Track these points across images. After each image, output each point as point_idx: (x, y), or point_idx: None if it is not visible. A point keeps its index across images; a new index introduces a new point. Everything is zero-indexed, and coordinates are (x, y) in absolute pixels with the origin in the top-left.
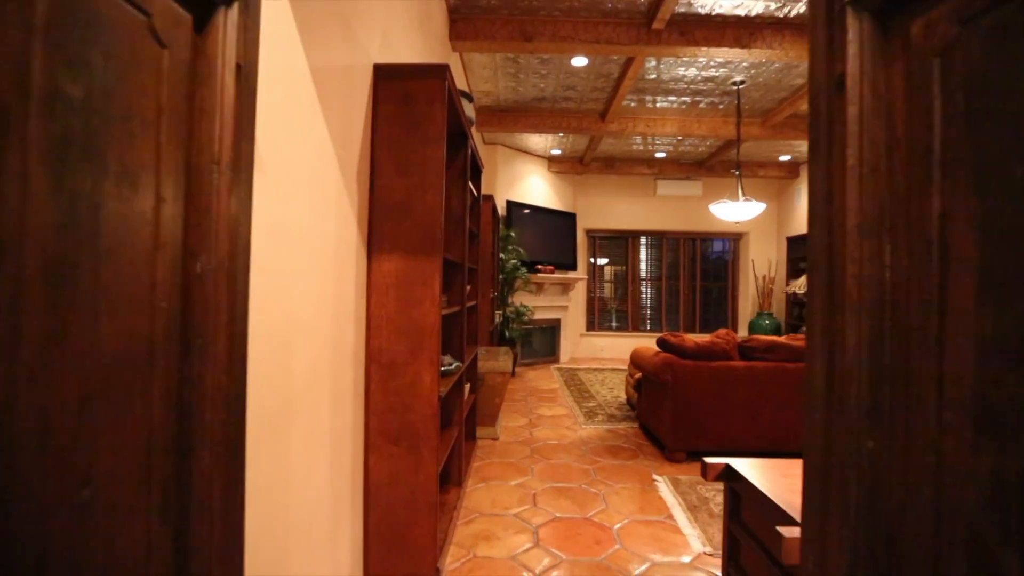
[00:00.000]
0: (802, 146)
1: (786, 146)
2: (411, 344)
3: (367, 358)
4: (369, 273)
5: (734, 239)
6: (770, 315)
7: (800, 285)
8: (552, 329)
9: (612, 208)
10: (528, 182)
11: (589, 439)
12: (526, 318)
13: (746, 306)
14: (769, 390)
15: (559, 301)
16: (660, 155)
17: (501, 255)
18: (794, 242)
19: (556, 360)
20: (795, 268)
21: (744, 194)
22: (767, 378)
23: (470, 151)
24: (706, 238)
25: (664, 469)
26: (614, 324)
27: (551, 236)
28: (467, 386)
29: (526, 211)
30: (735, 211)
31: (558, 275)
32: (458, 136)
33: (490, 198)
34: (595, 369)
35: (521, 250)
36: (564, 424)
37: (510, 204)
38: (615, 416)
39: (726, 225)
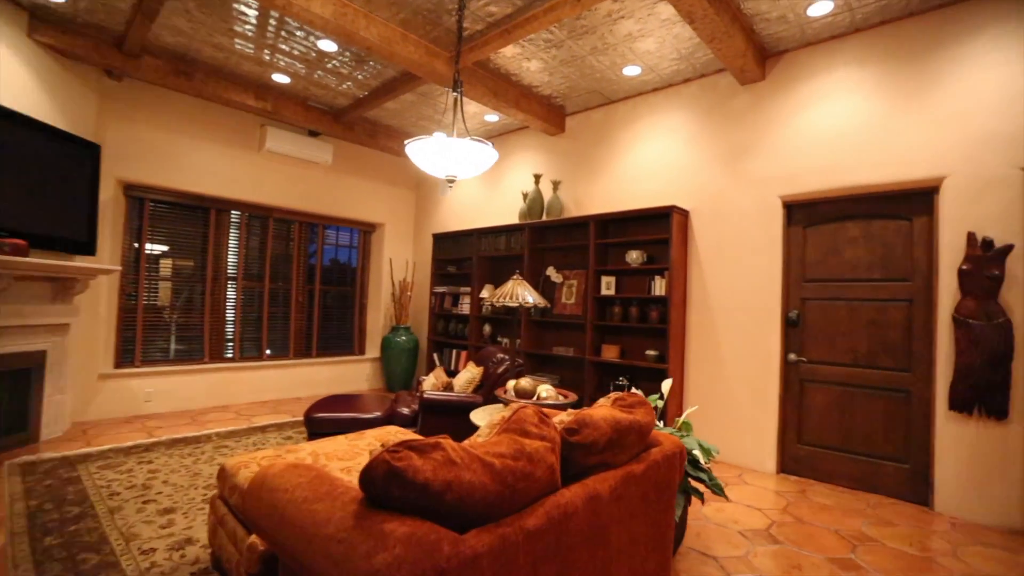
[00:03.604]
0: (467, 119)
1: (439, 119)
2: None
3: None
4: None
5: (366, 231)
6: (407, 330)
7: (506, 295)
8: (23, 374)
9: (183, 156)
10: None
11: None
12: None
13: (377, 319)
14: (620, 536)
15: (46, 315)
16: (281, 79)
17: None
18: (442, 240)
19: (30, 442)
20: (442, 273)
21: (464, 130)
22: (618, 511)
23: None
24: (332, 225)
25: None
26: (173, 350)
27: (38, 182)
28: None
29: None
30: (453, 153)
31: (40, 260)
32: None
33: None
34: (132, 452)
35: None
36: None
37: None
38: None
39: (359, 210)
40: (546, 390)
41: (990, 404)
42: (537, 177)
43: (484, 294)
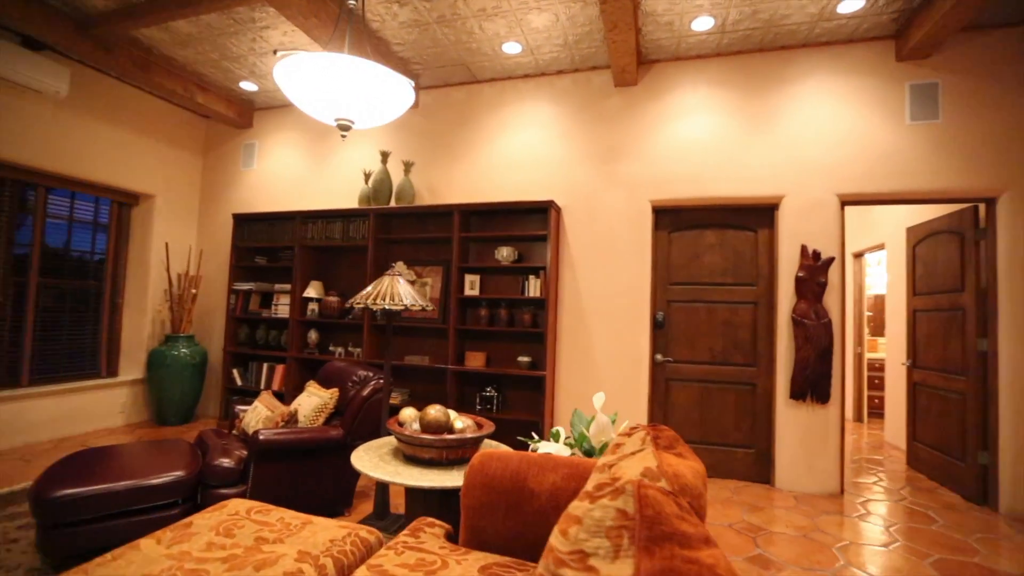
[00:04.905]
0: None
1: (253, 62)
2: None
3: None
4: None
5: (124, 202)
6: (190, 339)
7: (382, 295)
8: None
9: None
10: None
11: None
12: None
13: (142, 325)
14: None
15: None
16: None
17: None
18: (249, 224)
19: None
20: (247, 265)
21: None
22: None
23: None
24: (62, 189)
25: None
26: None
27: None
28: None
29: None
30: (356, 80)
31: None
32: None
33: None
34: None
35: None
36: None
37: None
38: None
39: (113, 172)
40: (461, 420)
41: (819, 391)
42: (385, 155)
43: (311, 292)
